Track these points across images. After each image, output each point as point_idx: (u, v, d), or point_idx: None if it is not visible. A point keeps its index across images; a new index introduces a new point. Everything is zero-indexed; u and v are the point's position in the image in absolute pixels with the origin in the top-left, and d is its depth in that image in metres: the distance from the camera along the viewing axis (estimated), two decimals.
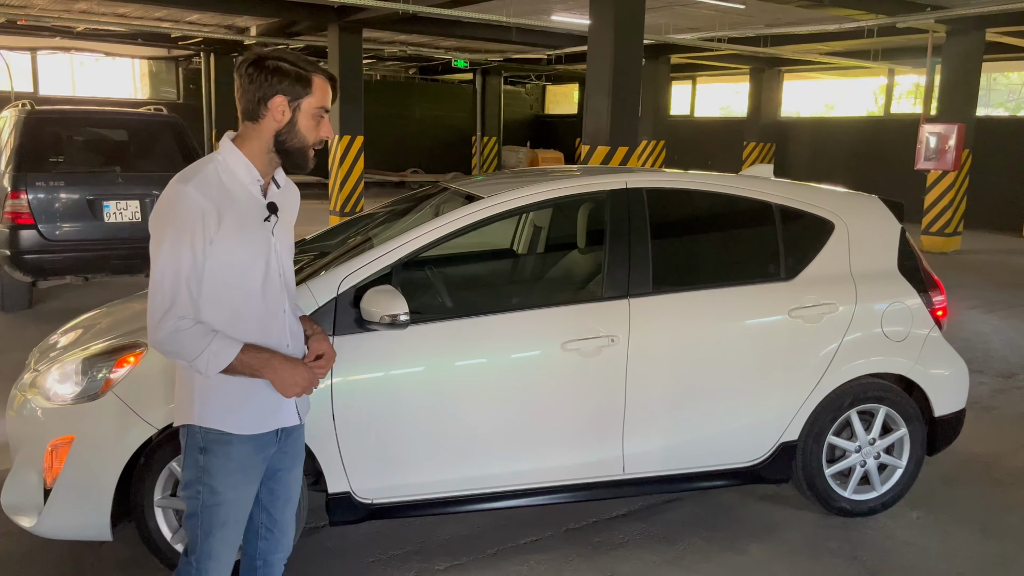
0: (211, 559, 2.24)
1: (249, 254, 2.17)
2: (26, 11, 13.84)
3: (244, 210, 2.16)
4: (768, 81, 19.26)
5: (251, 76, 2.15)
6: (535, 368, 3.35)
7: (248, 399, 2.21)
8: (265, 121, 2.17)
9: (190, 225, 2.06)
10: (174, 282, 2.07)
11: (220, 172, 2.15)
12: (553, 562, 3.38)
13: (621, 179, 3.60)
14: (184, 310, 2.07)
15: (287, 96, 2.16)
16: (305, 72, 2.17)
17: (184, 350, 2.08)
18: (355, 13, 12.59)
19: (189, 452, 2.23)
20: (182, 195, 2.07)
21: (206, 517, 2.22)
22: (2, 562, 3.26)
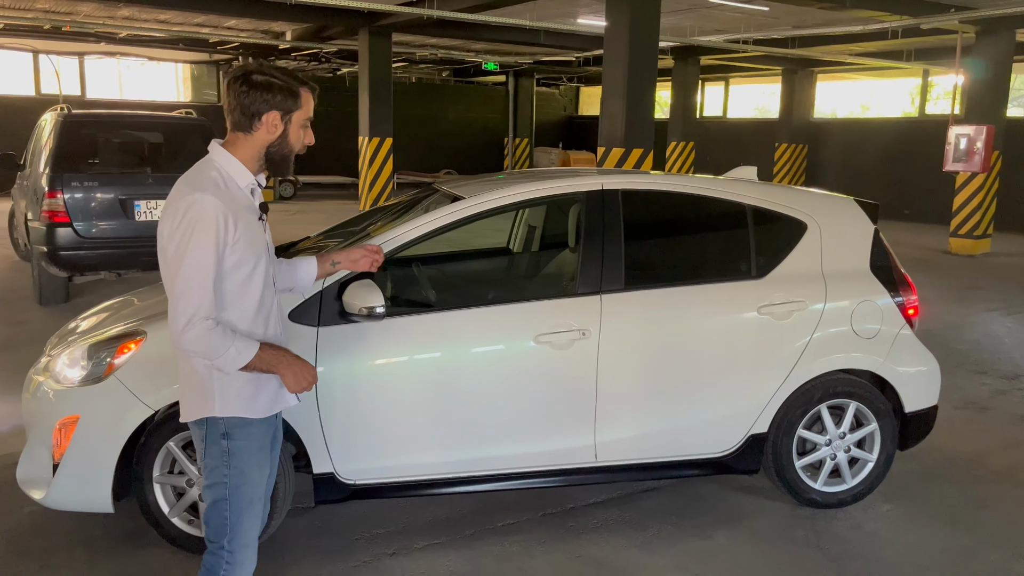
0: (242, 536, 2.39)
1: (256, 253, 2.34)
2: (72, 17, 14.42)
3: (246, 213, 2.32)
4: (800, 82, 19.17)
5: (244, 91, 2.29)
6: (509, 359, 3.54)
7: (261, 386, 2.40)
8: (258, 133, 2.33)
9: (214, 231, 2.20)
10: (202, 287, 2.21)
11: (224, 179, 2.30)
12: (526, 543, 3.56)
13: (598, 181, 3.78)
14: (210, 312, 2.22)
15: (280, 111, 2.33)
16: (295, 87, 2.35)
17: (211, 350, 2.23)
18: (384, 18, 12.90)
19: (211, 441, 2.37)
20: (204, 203, 2.20)
21: (235, 499, 2.37)
22: (16, 533, 3.54)
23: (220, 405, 2.35)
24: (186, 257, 2.20)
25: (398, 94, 23.12)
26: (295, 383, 2.38)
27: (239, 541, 2.39)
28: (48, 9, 13.86)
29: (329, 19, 13.71)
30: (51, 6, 13.56)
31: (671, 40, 13.92)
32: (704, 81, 22.38)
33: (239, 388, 2.36)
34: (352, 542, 3.54)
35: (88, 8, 13.77)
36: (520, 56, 18.60)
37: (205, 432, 2.38)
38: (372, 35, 13.57)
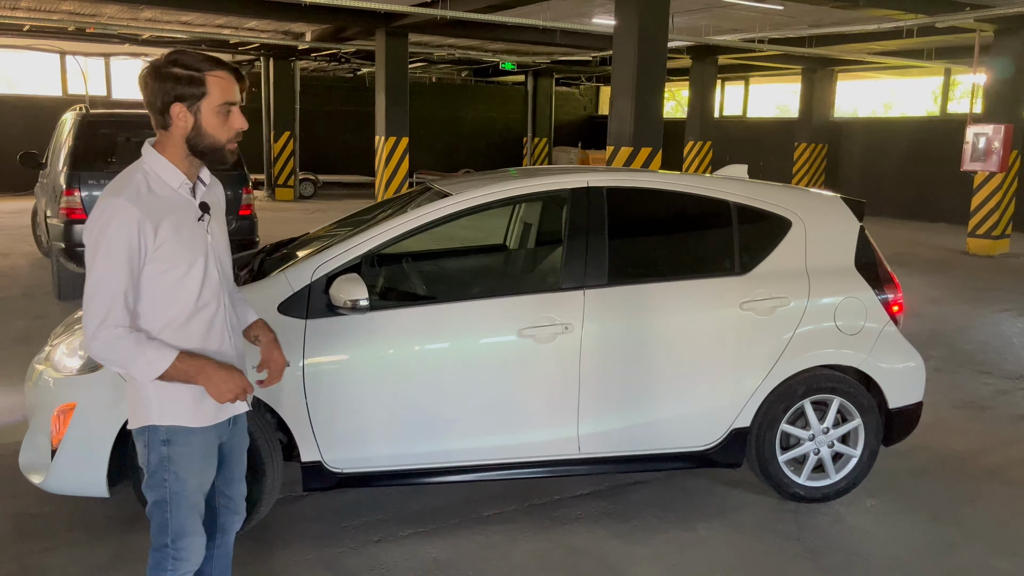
0: (187, 536, 2.37)
1: (189, 256, 2.25)
2: (96, 19, 14.71)
3: (179, 214, 2.24)
4: (820, 81, 19.04)
5: (150, 86, 2.20)
6: (493, 352, 3.62)
7: (201, 394, 2.29)
8: (174, 128, 2.22)
9: (125, 236, 2.13)
10: (110, 293, 2.14)
11: (149, 180, 2.22)
12: (509, 532, 3.65)
13: (583, 178, 3.85)
14: (119, 319, 2.14)
15: (183, 101, 2.19)
16: (197, 72, 2.20)
17: (120, 358, 2.16)
18: (400, 19, 13.03)
19: (152, 447, 2.30)
20: (117, 207, 2.13)
21: (175, 503, 2.33)
22: (21, 517, 3.68)
23: (158, 414, 2.29)
24: (95, 263, 2.15)
25: (418, 94, 23.35)
26: (218, 394, 2.24)
27: (182, 541, 2.37)
28: (73, 11, 14.15)
29: (347, 20, 13.87)
30: (76, 8, 13.84)
31: (686, 40, 13.91)
32: (724, 81, 22.33)
33: (176, 397, 2.28)
34: (340, 529, 3.65)
35: (112, 10, 14.03)
36: (537, 56, 18.67)
37: (146, 438, 2.32)
38: (389, 36, 13.71)
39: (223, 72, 2.24)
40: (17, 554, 3.36)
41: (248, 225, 8.43)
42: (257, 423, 3.42)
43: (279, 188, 19.13)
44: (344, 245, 3.56)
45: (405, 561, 3.38)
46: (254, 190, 19.64)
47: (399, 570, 3.31)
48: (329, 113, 22.04)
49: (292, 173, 19.21)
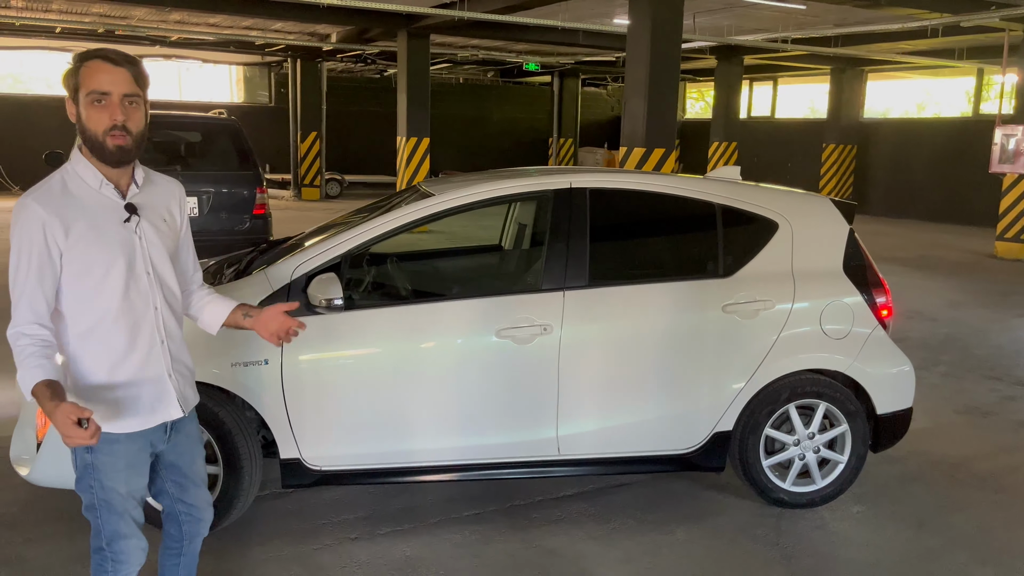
0: (120, 539, 2.32)
1: (107, 257, 2.18)
2: (126, 21, 15.00)
3: (96, 214, 2.18)
4: (849, 82, 18.78)
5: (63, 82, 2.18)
6: (470, 352, 3.64)
7: (123, 400, 2.24)
8: (77, 121, 2.16)
9: (30, 237, 2.12)
10: (16, 292, 2.14)
11: (67, 180, 2.18)
12: (485, 532, 3.66)
13: (567, 179, 3.85)
14: (23, 319, 2.11)
15: (69, 93, 2.16)
16: (74, 65, 2.15)
17: (16, 362, 2.11)
18: (421, 20, 13.11)
19: (77, 452, 2.24)
20: (23, 208, 2.13)
21: (104, 508, 2.28)
22: (8, 509, 3.78)
23: None
24: (11, 265, 2.15)
25: (444, 95, 23.47)
26: (64, 433, 1.98)
27: (116, 544, 2.32)
28: (103, 13, 14.44)
29: (370, 21, 13.99)
30: (106, 11, 14.12)
31: (708, 40, 13.81)
32: (752, 81, 22.12)
33: (98, 400, 2.21)
34: (319, 526, 3.69)
35: (141, 12, 14.30)
36: (562, 57, 18.65)
37: None
38: (410, 37, 13.79)
39: (94, 61, 2.15)
40: (1, 543, 3.44)
41: (262, 224, 8.54)
42: (236, 419, 3.47)
43: (305, 188, 19.34)
44: (324, 245, 3.60)
45: (378, 559, 3.41)
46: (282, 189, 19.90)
47: (371, 568, 3.34)
48: (356, 114, 22.22)
49: (318, 173, 19.41)
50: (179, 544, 2.60)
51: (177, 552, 2.62)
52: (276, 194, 19.21)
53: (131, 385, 2.27)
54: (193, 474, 2.53)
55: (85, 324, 2.21)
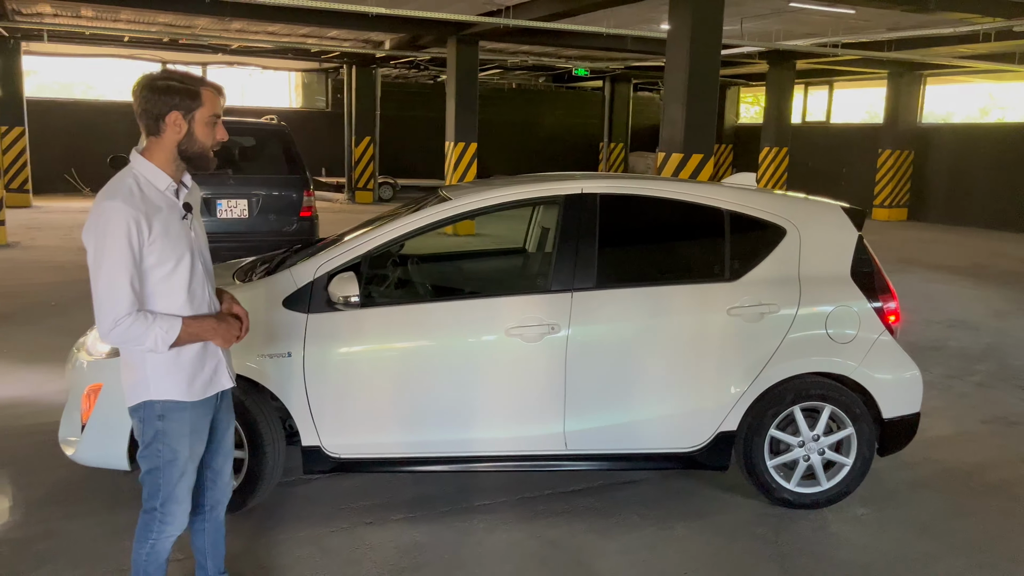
0: (174, 502, 2.65)
1: (178, 250, 2.52)
2: (190, 30, 15.61)
3: (166, 213, 2.50)
4: (907, 86, 18.41)
5: (147, 98, 2.48)
6: (481, 349, 3.81)
7: (194, 372, 2.60)
8: (167, 134, 2.50)
9: (124, 235, 2.39)
10: (120, 287, 2.40)
11: (140, 184, 2.47)
12: (492, 522, 3.82)
13: (579, 185, 4.00)
14: (131, 308, 2.42)
15: (180, 111, 2.49)
16: (193, 87, 2.51)
17: (139, 337, 2.44)
18: (469, 27, 13.35)
19: (148, 421, 2.58)
20: (115, 210, 2.39)
21: (167, 472, 2.62)
22: (54, 486, 4.09)
23: (155, 390, 2.56)
24: (103, 262, 2.40)
25: (496, 100, 23.74)
26: (224, 340, 2.61)
27: (170, 506, 2.65)
28: (168, 23, 15.07)
29: (421, 29, 14.28)
30: (171, 20, 14.73)
31: (757, 45, 13.76)
32: (807, 86, 21.84)
33: (173, 373, 2.56)
34: (336, 511, 3.90)
35: (204, 22, 14.88)
36: (612, 62, 18.72)
37: (142, 413, 2.60)
38: (459, 43, 14.04)
39: (210, 89, 2.56)
40: (44, 518, 3.74)
41: (308, 226, 8.85)
42: (261, 408, 3.72)
43: (359, 191, 19.80)
44: (346, 246, 3.83)
45: (388, 543, 3.61)
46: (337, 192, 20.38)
47: (380, 550, 3.54)
48: (409, 119, 22.64)
49: (372, 177, 19.85)
50: (202, 511, 2.89)
51: (202, 518, 2.91)
52: (331, 197, 19.72)
53: (197, 360, 2.62)
54: (226, 440, 2.86)
55: (160, 309, 2.52)
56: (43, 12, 14.40)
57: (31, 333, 6.92)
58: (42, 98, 18.95)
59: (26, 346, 6.51)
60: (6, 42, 15.96)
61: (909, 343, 7.30)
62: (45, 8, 13.90)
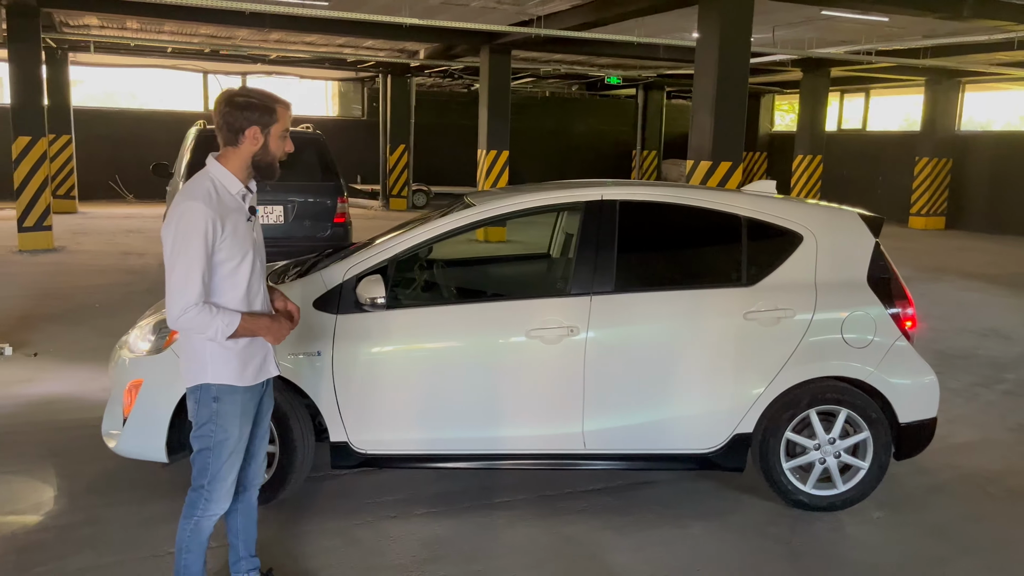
0: (220, 481, 2.89)
1: (244, 248, 2.79)
2: (231, 41, 16.02)
3: (234, 215, 2.76)
4: (945, 93, 18.20)
5: (228, 112, 2.76)
6: (502, 350, 3.94)
7: (247, 360, 2.87)
8: (244, 145, 2.79)
9: (202, 233, 2.65)
10: (194, 280, 2.65)
11: (216, 187, 2.75)
12: (511, 518, 3.95)
13: (598, 192, 4.12)
14: (199, 300, 2.68)
15: (259, 125, 2.78)
16: (270, 104, 2.80)
17: (203, 326, 2.70)
18: (501, 37, 13.53)
19: (204, 403, 2.84)
20: (196, 210, 2.66)
21: (217, 451, 2.86)
22: (96, 477, 4.30)
23: (212, 374, 2.82)
24: (181, 255, 2.66)
25: (529, 108, 23.92)
26: (275, 339, 2.89)
27: (217, 485, 2.88)
28: (210, 34, 15.47)
29: (455, 39, 14.50)
30: (212, 31, 15.12)
31: (789, 53, 13.74)
32: (843, 93, 21.68)
33: (226, 360, 2.82)
34: (362, 505, 4.05)
35: (244, 33, 15.25)
36: (644, 70, 18.79)
37: (198, 396, 2.86)
38: (492, 53, 14.23)
39: (285, 105, 2.86)
40: (86, 506, 3.95)
41: (342, 232, 9.06)
42: (292, 405, 3.88)
43: (393, 199, 20.07)
44: (374, 249, 3.99)
45: (410, 536, 3.75)
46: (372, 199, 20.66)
47: (402, 542, 3.68)
48: (443, 127, 22.89)
49: (406, 184, 20.11)
50: (237, 492, 3.07)
51: (236, 499, 3.09)
52: (365, 204, 20.02)
53: (250, 349, 2.88)
54: (263, 425, 3.09)
55: (224, 301, 2.78)
56: (90, 24, 14.89)
57: (77, 333, 7.21)
58: (87, 107, 19.52)
59: (72, 346, 6.78)
60: (54, 53, 16.50)
61: (938, 351, 7.33)
62: (92, 20, 14.37)
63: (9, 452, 4.58)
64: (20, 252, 11.64)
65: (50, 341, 6.90)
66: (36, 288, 9.16)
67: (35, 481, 4.24)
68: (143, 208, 18.25)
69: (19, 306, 8.15)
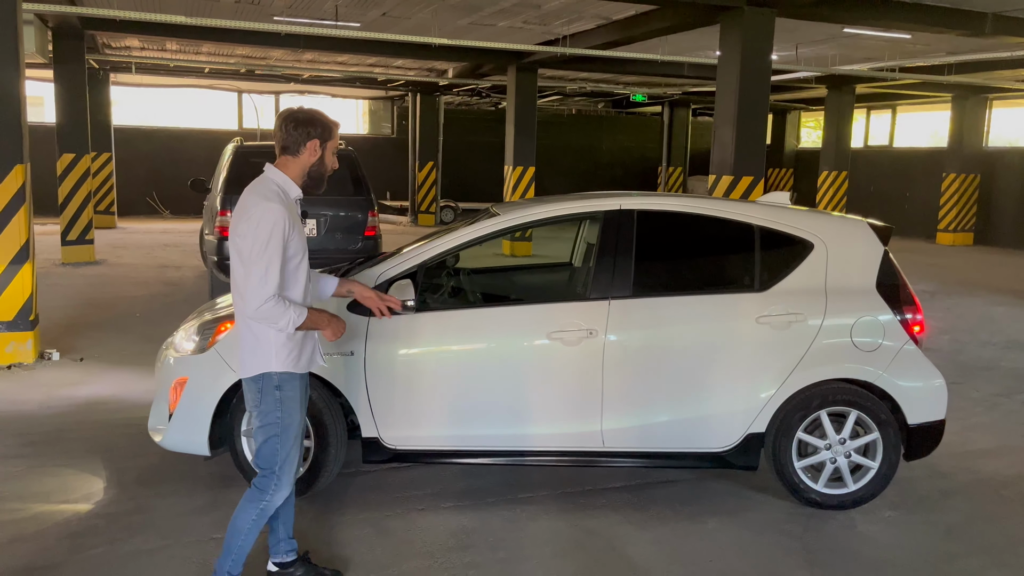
0: (289, 464, 3.15)
1: (303, 248, 3.11)
2: (265, 62, 16.50)
3: (295, 217, 3.06)
4: (971, 109, 18.20)
5: (293, 125, 3.09)
6: (524, 351, 4.14)
7: (301, 351, 3.14)
8: (303, 156, 3.11)
9: (281, 231, 2.94)
10: (275, 274, 2.93)
11: (281, 191, 3.07)
12: (534, 512, 4.13)
13: (617, 202, 4.33)
14: (277, 290, 2.95)
15: (319, 140, 3.12)
16: (330, 122, 3.16)
17: (278, 317, 2.96)
18: (528, 56, 13.83)
19: (267, 391, 3.08)
20: (275, 211, 2.95)
21: (285, 436, 3.11)
22: (144, 470, 4.55)
23: (276, 362, 3.07)
24: (264, 251, 2.92)
25: (556, 125, 24.22)
26: (332, 334, 3.20)
27: (287, 468, 3.14)
28: (245, 55, 15.96)
29: (483, 58, 14.85)
30: (248, 52, 15.60)
31: (813, 70, 13.89)
32: (870, 109, 21.72)
33: (288, 350, 3.09)
34: (393, 498, 4.26)
35: (278, 53, 15.70)
36: (669, 88, 19.00)
37: (261, 385, 3.10)
38: (519, 71, 14.53)
39: (338, 126, 3.23)
40: (134, 496, 4.20)
41: (372, 245, 9.33)
42: (327, 402, 4.11)
43: (422, 214, 20.42)
44: (404, 256, 4.23)
45: (437, 527, 3.95)
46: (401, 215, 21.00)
47: (430, 532, 3.88)
48: (471, 144, 23.26)
49: (434, 200, 20.46)
50: None
51: None
52: (395, 220, 20.37)
53: (304, 340, 3.16)
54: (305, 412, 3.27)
55: (289, 295, 3.07)
56: (131, 46, 15.43)
57: (120, 340, 7.53)
58: (126, 125, 20.11)
59: (116, 352, 7.10)
60: (96, 73, 17.07)
61: (962, 363, 7.41)
62: (133, 42, 14.89)
63: (60, 448, 4.86)
64: (63, 264, 12.08)
65: (95, 347, 7.22)
66: (80, 298, 9.54)
67: (85, 474, 4.50)
68: (179, 223, 18.75)
69: (64, 315, 8.51)
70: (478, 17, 11.29)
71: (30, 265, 6.76)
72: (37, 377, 6.35)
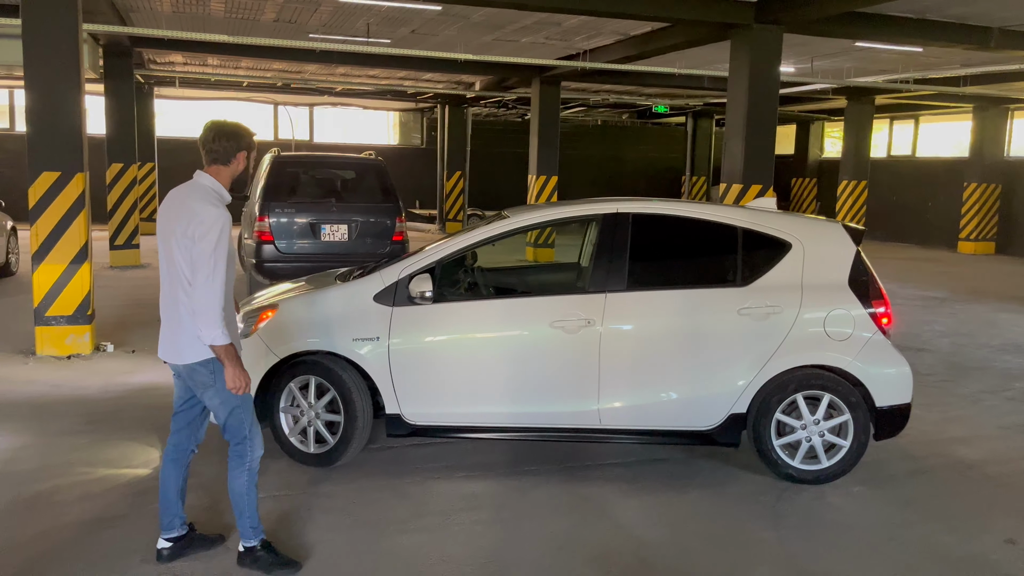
0: (255, 426, 3.55)
1: (232, 252, 3.37)
2: (300, 75, 17.23)
3: None
4: (992, 119, 18.41)
5: (225, 138, 3.41)
6: (529, 338, 4.66)
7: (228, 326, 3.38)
8: (233, 165, 3.45)
9: (228, 235, 3.26)
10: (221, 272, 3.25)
11: (220, 198, 3.37)
12: (536, 482, 4.64)
13: (615, 206, 4.84)
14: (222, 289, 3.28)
15: (246, 151, 3.48)
16: (251, 134, 3.52)
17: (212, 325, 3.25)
18: (551, 70, 14.39)
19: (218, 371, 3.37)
20: (223, 217, 3.26)
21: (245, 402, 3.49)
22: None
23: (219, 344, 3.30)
24: (214, 253, 3.23)
25: (581, 136, 24.77)
26: (231, 379, 3.33)
27: (255, 429, 3.54)
28: (282, 69, 16.69)
29: (508, 72, 15.43)
30: (284, 67, 16.31)
31: (829, 82, 14.27)
32: (892, 120, 21.95)
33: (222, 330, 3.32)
34: (411, 469, 4.79)
35: (313, 68, 16.41)
36: (691, 99, 19.43)
37: (212, 367, 3.39)
38: (543, 84, 15.09)
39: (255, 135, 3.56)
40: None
41: (400, 249, 9.89)
42: (355, 382, 4.65)
43: (449, 222, 21.02)
44: (424, 254, 4.78)
45: (451, 492, 4.47)
46: (429, 223, 21.59)
47: (444, 497, 4.41)
48: (497, 155, 23.86)
49: (461, 208, 21.06)
50: None
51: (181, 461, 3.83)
52: (423, 227, 21.00)
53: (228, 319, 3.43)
54: None
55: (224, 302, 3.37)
56: (175, 61, 16.23)
57: None
58: (169, 136, 20.97)
59: None
60: (141, 87, 17.92)
61: (955, 363, 7.80)
62: (177, 58, 15.69)
63: (120, 425, 5.46)
64: (112, 268, 12.82)
65: (145, 341, 7.86)
66: (128, 298, 10.23)
67: (143, 445, 5.09)
68: None
69: (115, 313, 9.18)
70: (501, 34, 11.86)
71: (88, 265, 7.41)
72: (95, 366, 6.99)
